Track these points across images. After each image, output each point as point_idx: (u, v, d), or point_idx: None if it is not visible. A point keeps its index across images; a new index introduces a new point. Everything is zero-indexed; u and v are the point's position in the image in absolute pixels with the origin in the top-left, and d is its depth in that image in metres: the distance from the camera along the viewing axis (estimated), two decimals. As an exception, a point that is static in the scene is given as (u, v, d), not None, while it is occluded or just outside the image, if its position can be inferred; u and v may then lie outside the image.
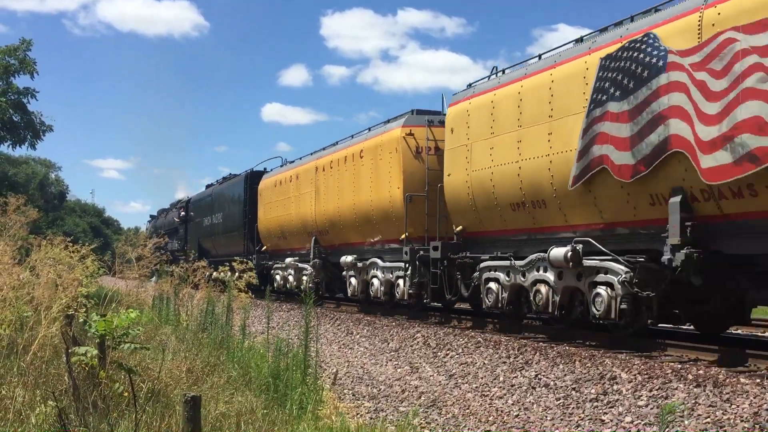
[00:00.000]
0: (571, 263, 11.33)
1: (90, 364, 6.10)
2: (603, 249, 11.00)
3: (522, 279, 12.78)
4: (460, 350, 12.15)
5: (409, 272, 16.39)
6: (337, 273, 21.09)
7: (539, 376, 9.86)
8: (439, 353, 12.33)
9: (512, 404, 9.02)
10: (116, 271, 12.35)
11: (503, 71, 14.05)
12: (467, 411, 8.93)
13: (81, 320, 7.19)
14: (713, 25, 9.20)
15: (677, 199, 9.67)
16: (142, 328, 7.45)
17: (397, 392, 10.28)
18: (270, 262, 25.26)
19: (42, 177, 75.25)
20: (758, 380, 8.08)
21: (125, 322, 6.03)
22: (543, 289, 12.26)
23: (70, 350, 6.19)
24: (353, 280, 19.66)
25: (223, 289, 12.85)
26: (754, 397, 7.47)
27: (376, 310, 19.04)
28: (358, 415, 9.09)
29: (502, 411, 8.77)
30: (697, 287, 9.97)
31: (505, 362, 10.86)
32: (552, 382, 9.47)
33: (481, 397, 9.50)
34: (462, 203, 14.47)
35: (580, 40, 12.25)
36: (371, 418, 8.92)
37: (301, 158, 24.20)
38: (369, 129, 19.34)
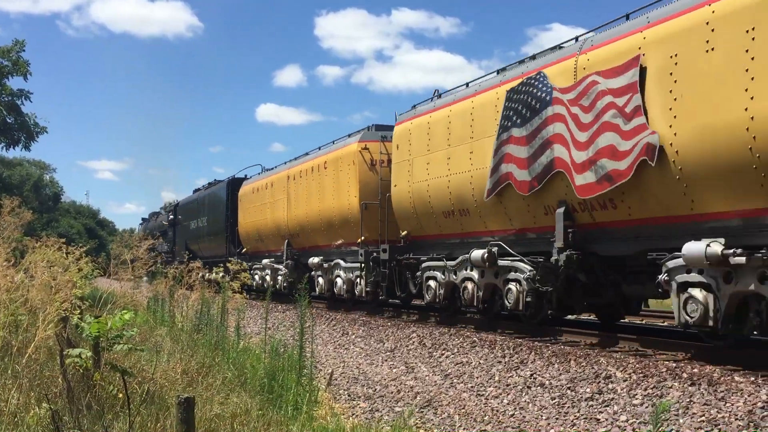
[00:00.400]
0: (487, 263, 13.37)
1: (84, 365, 6.10)
2: (511, 251, 13.09)
3: (454, 277, 14.78)
4: (456, 350, 12.16)
5: (364, 272, 18.29)
6: (307, 273, 22.24)
7: (534, 375, 9.87)
8: (434, 353, 12.34)
9: (508, 404, 9.03)
10: (111, 272, 12.33)
11: (439, 96, 16.01)
12: (463, 411, 8.94)
13: (74, 322, 7.18)
14: (584, 68, 11.30)
15: (561, 210, 11.76)
16: (136, 329, 7.45)
17: (392, 392, 10.28)
18: (249, 263, 26.57)
19: (36, 178, 75.10)
20: (752, 378, 8.11)
21: (119, 324, 6.02)
22: (469, 285, 14.26)
23: (64, 352, 6.18)
24: (320, 280, 21.45)
25: (218, 290, 12.87)
26: (749, 396, 7.49)
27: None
28: (354, 416, 9.09)
29: (497, 410, 8.78)
30: (586, 283, 12.06)
31: (500, 362, 10.88)
32: (547, 382, 9.49)
33: (476, 397, 9.51)
34: (406, 211, 16.53)
35: (497, 72, 14.19)
36: (367, 419, 8.92)
37: (276, 167, 26.03)
38: (333, 142, 21.24)
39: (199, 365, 9.07)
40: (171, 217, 39.94)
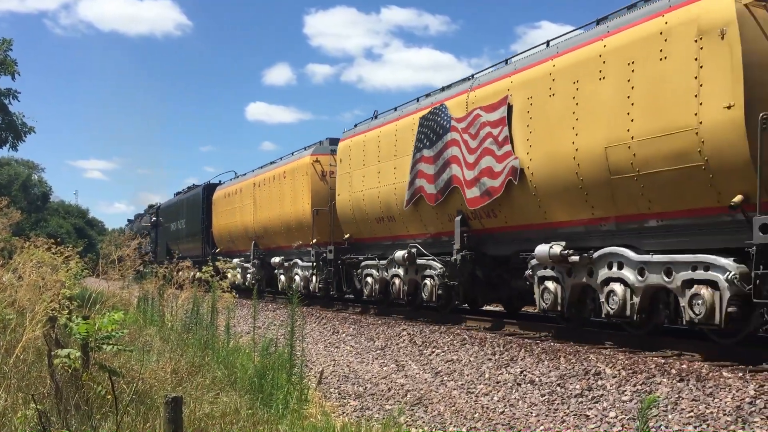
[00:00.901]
0: (407, 262, 15.81)
1: (73, 366, 6.07)
2: (425, 252, 15.55)
3: (386, 274, 17.13)
4: (446, 348, 12.18)
5: (316, 270, 20.77)
6: (272, 271, 25.00)
7: (524, 372, 9.89)
8: (425, 351, 12.35)
9: (498, 401, 9.05)
10: (100, 272, 12.29)
11: (375, 117, 18.33)
12: (453, 408, 8.95)
13: (63, 322, 7.15)
14: (473, 103, 13.77)
15: (459, 218, 14.24)
16: (126, 330, 7.42)
17: (383, 390, 10.28)
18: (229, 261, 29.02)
19: (25, 178, 74.76)
20: (740, 374, 8.15)
21: (108, 325, 5.99)
22: (397, 281, 16.64)
23: (52, 352, 6.15)
24: (282, 277, 23.66)
25: (208, 290, 12.85)
26: (737, 391, 7.53)
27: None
28: (344, 414, 9.10)
29: (487, 408, 8.79)
30: (485, 278, 14.51)
31: (490, 359, 10.90)
32: (537, 379, 9.51)
33: (466, 394, 9.53)
34: (347, 216, 18.89)
35: (416, 99, 16.55)
36: (357, 417, 8.93)
37: (245, 174, 28.58)
38: (292, 153, 23.54)
39: (188, 364, 9.05)
40: (153, 219, 41.68)
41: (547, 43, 12.54)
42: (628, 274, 10.49)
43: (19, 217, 12.67)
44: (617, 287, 10.64)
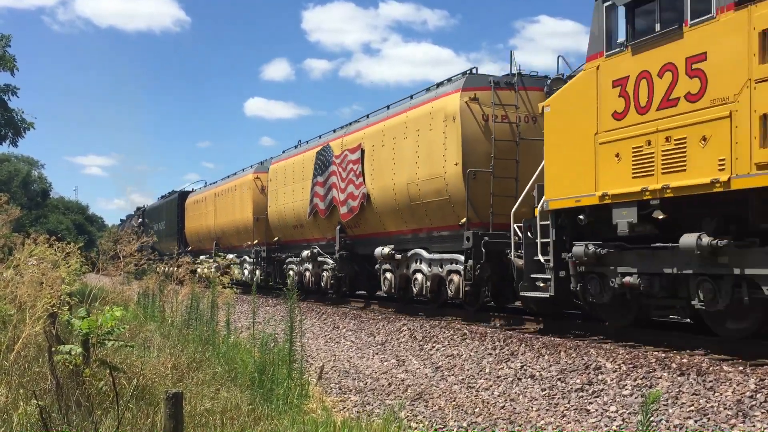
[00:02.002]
0: (310, 259, 21.59)
1: (74, 362, 6.06)
2: (322, 252, 21.16)
3: (301, 268, 22.68)
4: (446, 342, 12.18)
5: (256, 265, 26.33)
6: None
7: (525, 367, 9.90)
8: (425, 346, 12.36)
9: (498, 395, 9.05)
10: (100, 268, 12.28)
11: (296, 146, 24.22)
12: (454, 403, 8.96)
13: (65, 318, 7.14)
14: (344, 146, 19.31)
15: (338, 227, 19.72)
16: (126, 326, 7.42)
17: (383, 385, 10.29)
18: (194, 258, 33.18)
19: (25, 174, 74.73)
20: (741, 368, 8.15)
21: (110, 322, 5.99)
22: (307, 273, 22.12)
23: (53, 349, 6.15)
24: (236, 271, 26.94)
25: (208, 285, 12.84)
26: (737, 385, 7.53)
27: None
28: (345, 409, 9.10)
29: (488, 402, 8.80)
30: (359, 270, 20.00)
31: (491, 354, 10.90)
32: (537, 373, 9.51)
33: (467, 389, 9.53)
34: (275, 223, 24.86)
35: (318, 137, 22.33)
36: (358, 412, 8.93)
37: (210, 185, 34.37)
38: (243, 169, 29.21)
39: (189, 360, 9.05)
40: (140, 220, 46.39)
41: (411, 96, 17.00)
42: (424, 267, 16.02)
43: (19, 213, 12.65)
44: (419, 276, 16.21)
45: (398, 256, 16.78)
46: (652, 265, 10.20)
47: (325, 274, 20.85)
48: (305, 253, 21.72)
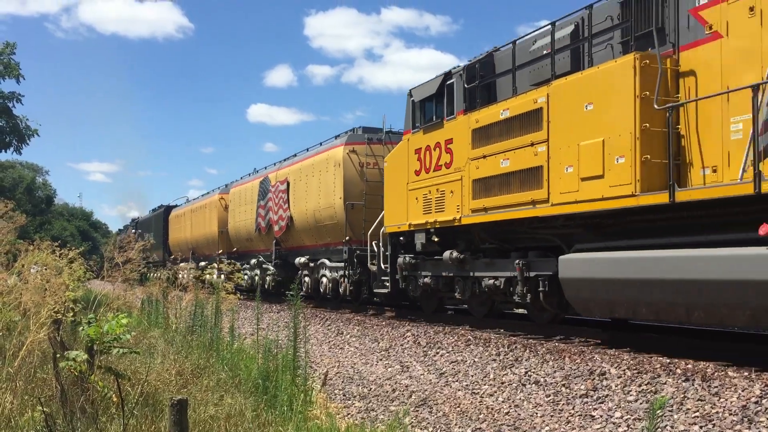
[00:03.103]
0: (257, 267, 26.55)
1: (78, 369, 6.07)
2: (265, 260, 26.16)
3: (252, 273, 27.18)
4: (451, 348, 12.17)
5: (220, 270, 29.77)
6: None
7: (529, 373, 9.88)
8: (429, 352, 12.34)
9: (503, 402, 9.04)
10: (104, 275, 12.31)
11: (250, 174, 29.92)
12: (458, 409, 8.94)
13: (70, 322, 7.15)
14: (277, 178, 24.55)
15: (274, 241, 24.90)
16: (131, 333, 7.43)
17: (387, 392, 10.28)
18: (176, 266, 37.58)
19: (29, 181, 74.82)
20: (746, 373, 8.13)
21: (116, 329, 6.00)
22: (255, 277, 26.73)
23: (58, 355, 6.16)
24: (208, 276, 30.38)
25: (212, 291, 12.86)
26: (742, 391, 7.51)
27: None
28: (349, 416, 9.09)
29: (492, 408, 8.79)
30: (293, 275, 23.15)
31: (495, 360, 10.88)
32: (542, 379, 9.50)
33: (471, 395, 9.52)
34: (234, 237, 30.13)
35: (264, 167, 28.35)
36: (362, 418, 8.92)
37: (188, 202, 40.94)
38: (213, 190, 35.48)
39: (193, 366, 9.06)
40: (133, 231, 50.29)
41: (336, 136, 21.51)
42: (327, 272, 21.24)
43: (23, 221, 12.66)
44: (324, 279, 21.46)
45: (312, 264, 22.41)
46: (436, 270, 15.40)
47: (267, 278, 25.72)
48: (253, 261, 27.27)
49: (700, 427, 6.96)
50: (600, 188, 10.45)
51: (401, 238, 16.45)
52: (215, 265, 30.29)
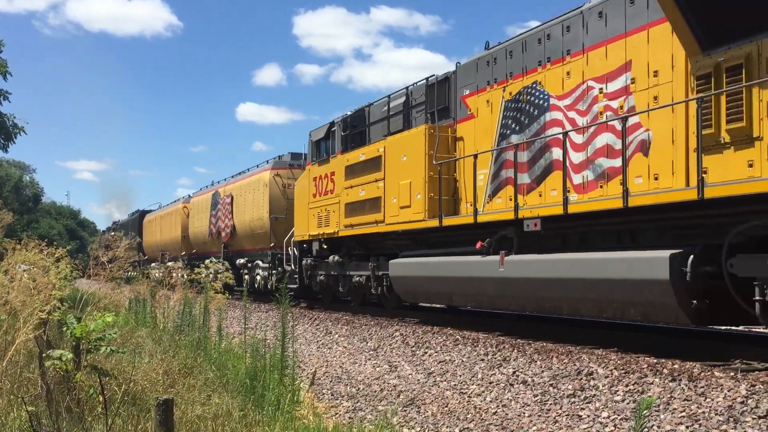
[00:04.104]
0: (210, 266, 24.81)
1: (64, 368, 6.03)
2: (217, 260, 25.41)
3: (208, 271, 29.73)
4: (439, 348, 12.17)
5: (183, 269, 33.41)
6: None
7: (517, 372, 9.90)
8: (417, 351, 12.35)
9: (490, 401, 9.05)
10: (91, 273, 12.25)
11: (206, 186, 35.61)
12: (446, 409, 8.95)
13: (57, 318, 7.09)
14: (224, 191, 30.58)
15: (223, 244, 30.14)
16: (117, 330, 7.39)
17: (375, 391, 10.27)
18: (148, 265, 41.33)
19: (17, 179, 74.46)
20: (732, 374, 8.17)
21: (101, 326, 5.96)
22: (211, 275, 29.55)
23: (44, 354, 6.12)
24: (174, 275, 35.08)
25: (200, 291, 12.83)
26: (729, 391, 7.54)
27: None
28: (337, 415, 9.08)
29: (480, 408, 8.79)
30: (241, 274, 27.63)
31: (483, 359, 10.90)
32: (530, 379, 9.51)
33: (459, 395, 9.52)
34: (193, 240, 34.76)
35: (218, 182, 33.72)
36: (350, 418, 8.91)
37: (159, 208, 45.42)
38: (178, 200, 40.55)
39: (180, 366, 9.02)
40: (112, 233, 53.97)
41: (267, 161, 27.09)
42: (260, 271, 25.66)
43: (10, 219, 12.58)
44: (258, 277, 25.75)
45: (249, 264, 26.85)
46: (327, 270, 19.95)
47: (219, 276, 28.96)
48: (207, 261, 33.39)
49: (687, 427, 6.99)
50: (409, 214, 15.30)
51: (305, 245, 21.32)
52: (180, 264, 33.70)
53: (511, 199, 12.55)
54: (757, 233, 8.91)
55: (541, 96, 12.41)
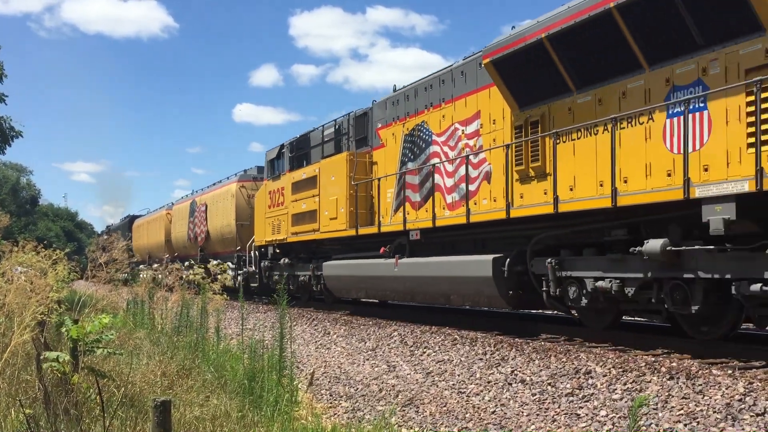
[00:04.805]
0: (189, 267, 25.14)
1: (62, 370, 6.03)
2: (193, 263, 26.06)
3: (189, 271, 30.52)
4: (437, 348, 12.17)
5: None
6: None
7: (515, 372, 9.90)
8: (416, 351, 12.35)
9: (489, 401, 9.05)
10: (89, 275, 12.24)
11: (184, 196, 39.92)
12: (444, 408, 8.95)
13: (55, 320, 7.09)
14: (199, 202, 34.12)
15: (200, 247, 32.82)
16: (114, 332, 7.38)
17: (374, 391, 10.27)
18: (137, 267, 43.72)
19: (14, 181, 74.36)
20: (730, 371, 8.18)
21: (97, 328, 5.96)
22: (191, 276, 29.11)
23: (41, 356, 6.11)
24: (159, 276, 36.28)
25: (198, 292, 12.83)
26: (726, 389, 7.55)
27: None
28: (335, 416, 9.08)
29: (479, 408, 8.80)
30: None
31: (481, 359, 10.90)
32: (528, 378, 9.52)
33: (458, 395, 9.53)
34: (175, 244, 37.63)
35: (194, 192, 38.10)
36: (348, 418, 8.91)
37: (146, 214, 48.55)
38: (161, 207, 43.58)
39: (178, 367, 9.02)
40: (106, 237, 58.60)
41: (235, 174, 30.17)
42: (230, 272, 25.06)
43: (8, 221, 12.57)
44: (229, 277, 23.94)
45: (221, 266, 27.36)
46: (281, 271, 22.52)
47: (196, 276, 31.19)
48: (186, 263, 31.19)
49: (685, 425, 6.99)
50: (336, 224, 18.48)
51: (263, 249, 24.35)
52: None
53: (409, 213, 15.65)
54: (549, 242, 12.05)
55: (427, 132, 15.65)
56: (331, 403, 9.89)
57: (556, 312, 13.56)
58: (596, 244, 11.19)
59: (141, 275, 33.41)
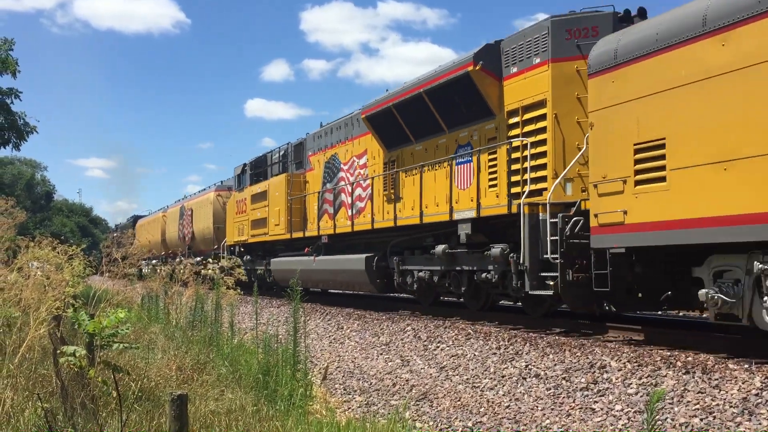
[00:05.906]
0: (185, 261, 27.32)
1: (78, 364, 6.06)
2: (183, 259, 28.55)
3: (180, 267, 32.93)
4: (451, 342, 12.16)
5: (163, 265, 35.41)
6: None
7: (530, 366, 9.88)
8: (429, 346, 12.34)
9: (503, 395, 9.04)
10: (103, 270, 12.30)
11: (184, 198, 43.44)
12: (458, 403, 8.95)
13: (71, 315, 7.11)
14: (186, 206, 40.34)
15: (188, 246, 38.33)
16: (129, 325, 7.42)
17: (388, 386, 10.28)
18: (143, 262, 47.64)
19: (29, 177, 74.81)
20: (746, 366, 8.13)
21: (114, 322, 5.98)
22: (187, 271, 30.26)
23: (58, 351, 6.15)
24: (158, 269, 37.12)
25: (212, 286, 12.87)
26: (743, 383, 7.51)
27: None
28: (349, 410, 9.10)
29: (493, 402, 8.79)
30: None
31: (495, 353, 10.88)
32: (542, 372, 9.50)
33: (471, 389, 9.52)
34: (168, 243, 42.39)
35: (185, 197, 42.88)
36: (362, 413, 8.93)
37: (148, 215, 54.34)
38: (158, 209, 48.63)
39: (193, 362, 9.05)
40: (114, 234, 60.69)
41: (214, 184, 35.95)
42: (211, 267, 23.51)
43: (24, 217, 12.64)
44: (210, 272, 22.84)
45: (204, 262, 29.59)
46: (248, 265, 25.70)
47: (208, 273, 33.32)
48: (177, 259, 33.29)
49: (701, 420, 6.96)
50: (279, 230, 23.38)
51: (233, 248, 28.73)
52: (161, 261, 40.10)
53: (327, 222, 20.56)
54: (400, 246, 17.03)
55: (337, 161, 20.63)
56: (345, 397, 9.91)
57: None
58: (422, 247, 16.09)
59: (143, 270, 36.55)
